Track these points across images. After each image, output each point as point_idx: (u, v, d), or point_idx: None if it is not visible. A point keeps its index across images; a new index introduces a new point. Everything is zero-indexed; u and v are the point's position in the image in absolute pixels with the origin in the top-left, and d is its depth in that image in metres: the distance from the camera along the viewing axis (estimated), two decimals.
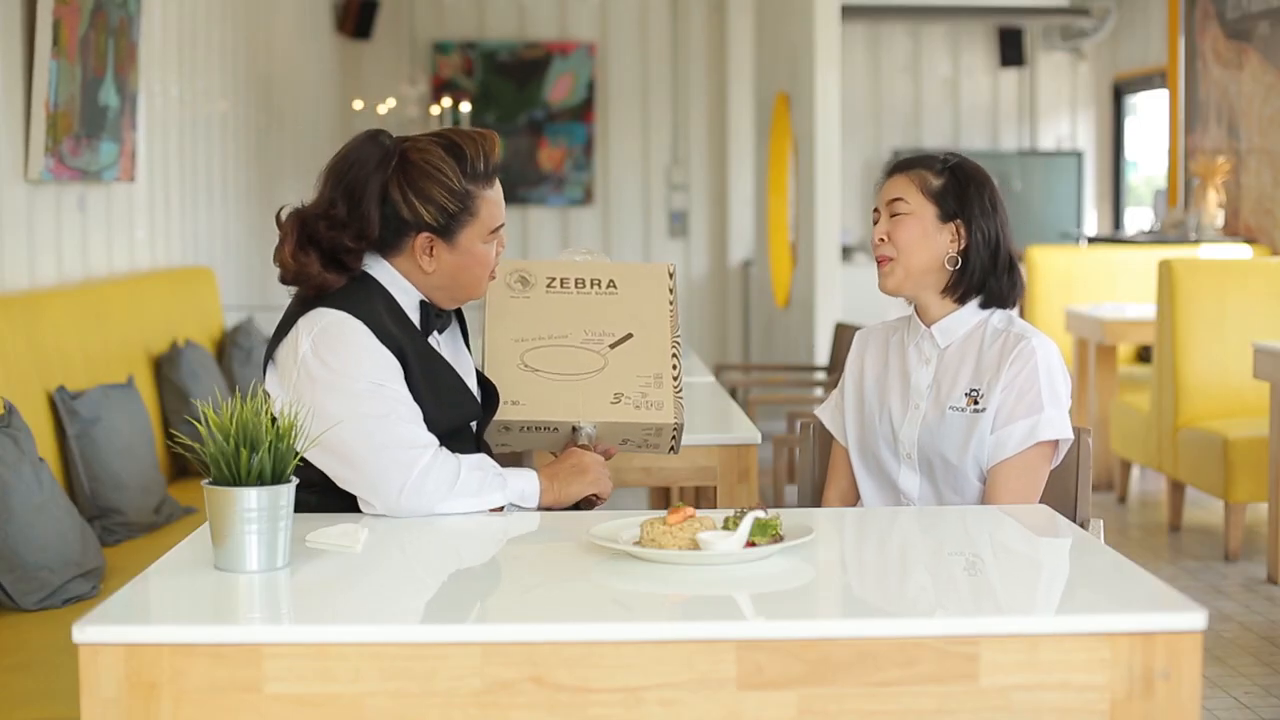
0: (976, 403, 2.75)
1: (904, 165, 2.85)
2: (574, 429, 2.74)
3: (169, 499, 4.49)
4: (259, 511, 2.11)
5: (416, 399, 2.58)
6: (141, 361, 5.00)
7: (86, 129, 4.89)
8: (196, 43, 6.50)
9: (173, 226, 6.14)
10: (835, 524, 2.57)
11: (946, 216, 2.78)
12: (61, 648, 2.34)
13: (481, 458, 2.61)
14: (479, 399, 2.76)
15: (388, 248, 2.63)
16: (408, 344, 2.59)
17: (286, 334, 2.59)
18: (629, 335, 2.77)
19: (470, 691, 1.88)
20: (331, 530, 2.30)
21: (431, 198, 2.58)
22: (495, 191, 2.65)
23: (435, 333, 2.71)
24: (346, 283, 2.60)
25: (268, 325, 6.88)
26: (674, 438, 2.77)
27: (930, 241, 2.78)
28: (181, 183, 6.28)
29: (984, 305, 2.83)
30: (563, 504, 2.66)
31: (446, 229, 2.60)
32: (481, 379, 2.83)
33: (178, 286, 5.75)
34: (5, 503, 3.39)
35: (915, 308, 2.88)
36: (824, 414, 3.01)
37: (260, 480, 2.12)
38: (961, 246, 2.79)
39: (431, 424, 2.58)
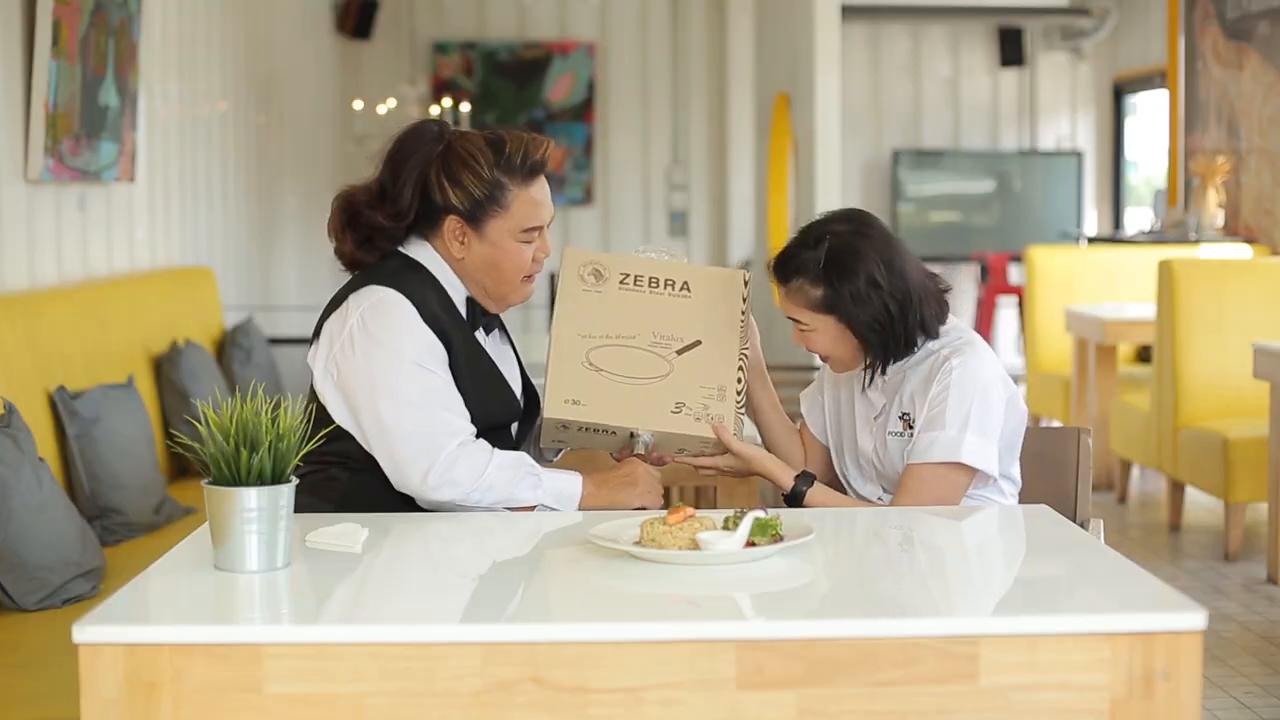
0: (910, 426, 2.75)
1: (783, 273, 2.73)
2: (632, 435, 2.71)
3: (169, 499, 4.49)
4: (259, 512, 2.11)
5: (458, 388, 2.60)
6: (141, 361, 5.00)
7: (86, 129, 4.88)
8: (196, 43, 6.49)
9: (172, 226, 6.13)
10: (835, 524, 2.57)
11: (843, 317, 2.71)
12: (61, 648, 2.34)
13: (520, 455, 2.63)
14: (521, 403, 2.78)
15: (426, 229, 2.69)
16: (454, 332, 2.63)
17: (336, 309, 2.64)
18: (698, 342, 2.71)
19: (470, 691, 1.88)
20: (331, 530, 2.30)
21: (460, 182, 2.64)
22: (535, 190, 2.67)
23: (482, 330, 2.74)
24: (389, 262, 2.65)
25: (268, 325, 6.88)
26: None
27: (844, 339, 2.74)
28: (181, 183, 6.27)
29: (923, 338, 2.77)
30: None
31: (473, 215, 2.65)
32: (527, 388, 2.83)
33: (178, 286, 5.75)
34: (5, 503, 3.39)
35: None
36: (809, 415, 3.00)
37: (260, 480, 2.12)
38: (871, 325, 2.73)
39: (470, 416, 2.60)
